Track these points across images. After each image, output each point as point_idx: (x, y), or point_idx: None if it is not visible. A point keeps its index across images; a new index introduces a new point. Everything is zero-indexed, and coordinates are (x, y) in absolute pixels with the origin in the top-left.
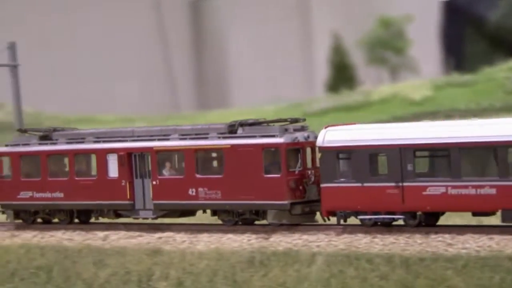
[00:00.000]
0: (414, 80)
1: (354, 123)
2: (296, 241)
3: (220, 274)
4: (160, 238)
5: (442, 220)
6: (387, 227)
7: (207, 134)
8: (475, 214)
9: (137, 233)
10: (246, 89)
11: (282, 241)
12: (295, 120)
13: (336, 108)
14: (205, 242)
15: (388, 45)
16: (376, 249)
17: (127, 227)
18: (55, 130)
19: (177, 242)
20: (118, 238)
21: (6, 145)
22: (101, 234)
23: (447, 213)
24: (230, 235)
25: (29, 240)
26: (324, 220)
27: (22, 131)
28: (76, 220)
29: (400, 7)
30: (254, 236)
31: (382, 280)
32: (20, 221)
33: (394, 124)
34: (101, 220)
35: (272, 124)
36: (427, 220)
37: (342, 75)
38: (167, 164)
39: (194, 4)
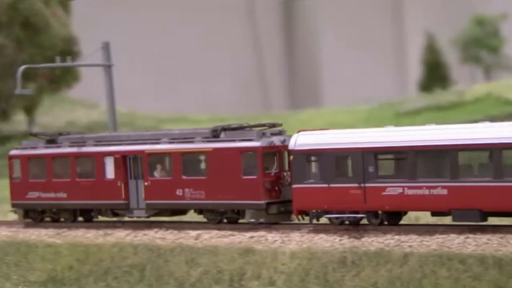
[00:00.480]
0: (509, 79)
1: (327, 129)
2: (388, 241)
3: (312, 273)
4: (252, 237)
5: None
6: (355, 225)
7: (193, 138)
8: (433, 214)
9: (229, 232)
10: (338, 89)
11: (374, 241)
12: (273, 125)
13: (429, 108)
14: (297, 241)
15: (482, 44)
16: (468, 249)
17: (218, 226)
18: (60, 134)
19: (269, 241)
20: (210, 237)
21: (16, 148)
22: (193, 233)
23: None
24: (322, 235)
25: (122, 239)
26: (298, 219)
27: (33, 135)
28: (80, 219)
29: (495, 5)
30: (346, 236)
31: (474, 280)
32: (30, 219)
33: (359, 130)
34: (123, 219)
35: (252, 128)
36: (389, 220)
37: (435, 75)
38: (158, 166)
39: (286, 4)
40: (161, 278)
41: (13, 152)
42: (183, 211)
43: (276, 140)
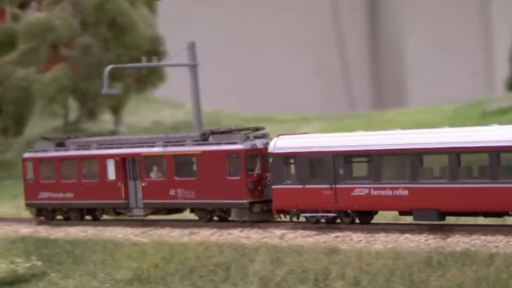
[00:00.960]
0: None
1: (306, 133)
2: (474, 242)
3: (397, 274)
4: (337, 237)
5: None
6: (331, 224)
7: (185, 141)
8: (400, 213)
9: (314, 232)
10: (423, 88)
11: (460, 241)
12: (256, 129)
13: None
14: (382, 241)
15: None
16: None
17: (303, 226)
18: (68, 138)
19: (353, 241)
20: (295, 237)
21: (29, 151)
22: (278, 232)
23: None
24: (407, 235)
25: (207, 238)
26: (280, 218)
27: (44, 138)
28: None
29: None
30: (431, 236)
31: None
32: (43, 218)
33: (332, 134)
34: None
35: (240, 132)
36: (361, 219)
37: None
38: (154, 168)
39: (371, 3)
40: (246, 277)
41: (26, 155)
42: (177, 210)
43: (259, 143)
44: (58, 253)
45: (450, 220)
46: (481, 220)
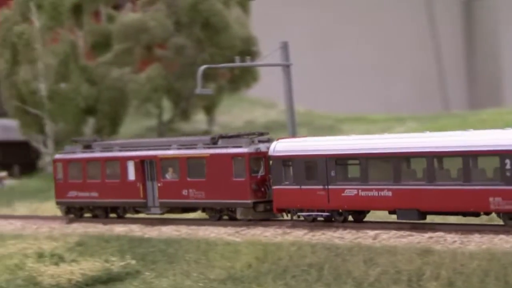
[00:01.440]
0: None
1: (305, 136)
2: None
3: (492, 275)
4: (430, 237)
5: None
6: (327, 222)
7: (196, 144)
8: (390, 212)
9: (407, 233)
10: None
11: None
12: (261, 134)
13: None
14: (476, 242)
15: None
16: None
17: (397, 226)
18: (95, 140)
19: (448, 242)
20: (388, 237)
21: (59, 153)
22: (371, 233)
23: None
24: (502, 236)
25: (300, 238)
26: (282, 216)
27: (74, 141)
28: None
29: None
30: None
31: None
32: (72, 215)
33: (325, 138)
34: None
35: (248, 137)
36: (354, 217)
37: None
38: (169, 169)
39: (466, 4)
40: (339, 278)
41: (57, 156)
42: (190, 209)
43: (263, 147)
44: (152, 252)
45: None
46: None
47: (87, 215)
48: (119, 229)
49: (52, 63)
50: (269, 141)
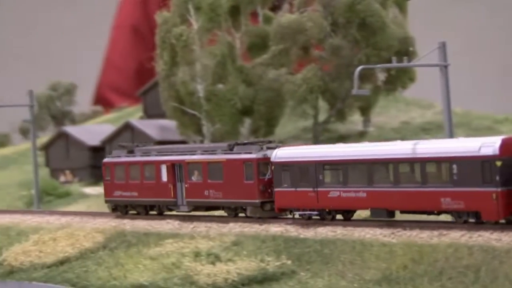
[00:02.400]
0: None
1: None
2: None
3: None
4: None
5: None
6: (321, 220)
7: (216, 150)
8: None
9: None
10: None
11: None
12: (269, 141)
13: None
14: None
15: None
16: None
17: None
18: (137, 146)
19: None
20: None
21: (107, 157)
22: None
23: None
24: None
25: (457, 240)
26: (286, 214)
27: (121, 146)
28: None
29: None
30: None
31: None
32: (119, 212)
33: (316, 146)
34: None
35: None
36: (344, 216)
37: None
38: (195, 172)
39: None
40: (496, 280)
41: (105, 159)
42: (212, 208)
43: (270, 153)
44: (307, 253)
45: None
46: None
47: (132, 212)
48: (275, 229)
49: (209, 64)
50: (277, 148)
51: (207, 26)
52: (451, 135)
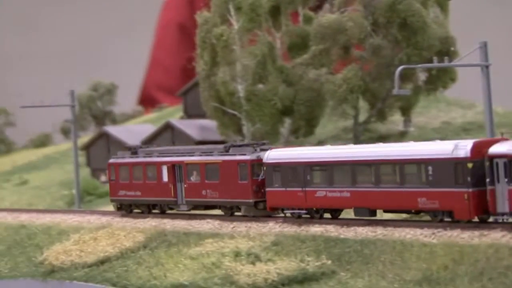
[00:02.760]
0: None
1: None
2: None
3: None
4: None
5: None
6: (311, 219)
7: (213, 152)
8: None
9: None
10: None
11: None
12: (263, 143)
13: None
14: None
15: None
16: None
17: None
18: (140, 147)
19: None
20: None
21: (112, 158)
22: None
23: None
24: None
25: (498, 240)
26: (278, 213)
27: (127, 148)
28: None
29: None
30: None
31: None
32: (123, 211)
33: (304, 148)
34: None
35: (256, 146)
36: (332, 214)
37: None
38: (194, 173)
39: None
40: None
41: (111, 160)
42: (210, 207)
43: (263, 155)
44: (347, 253)
45: None
46: None
47: (136, 210)
48: (315, 229)
49: (249, 64)
50: (269, 149)
51: (247, 26)
52: (492, 135)
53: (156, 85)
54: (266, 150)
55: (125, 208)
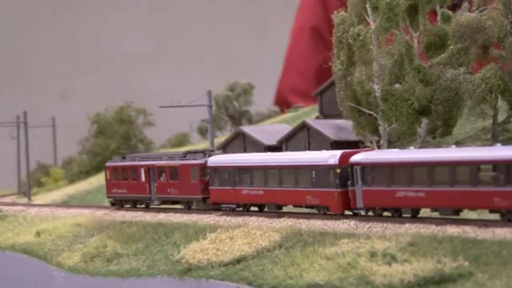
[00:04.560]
0: None
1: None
2: None
3: None
4: None
5: None
6: (247, 212)
7: (175, 157)
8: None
9: None
10: None
11: None
12: (212, 151)
13: None
14: None
15: None
16: None
17: None
18: (127, 153)
19: None
20: None
21: (109, 162)
22: None
23: None
24: None
25: None
26: (222, 208)
27: (120, 154)
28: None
29: None
30: None
31: None
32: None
33: (235, 154)
34: None
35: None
36: (259, 209)
37: None
38: (162, 174)
39: None
40: None
41: (107, 164)
42: (174, 202)
43: (210, 159)
44: (485, 254)
45: None
46: None
47: (127, 206)
48: (452, 230)
49: (386, 64)
50: (212, 156)
51: (384, 26)
52: None
53: (290, 89)
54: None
55: (117, 203)
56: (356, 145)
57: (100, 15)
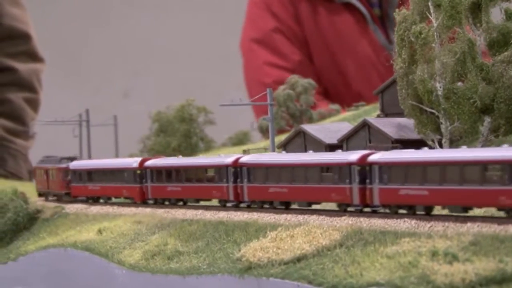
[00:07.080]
0: None
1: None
2: None
3: None
4: None
5: None
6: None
7: (57, 161)
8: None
9: None
10: None
11: None
12: (74, 158)
13: None
14: None
15: None
16: None
17: None
18: (75, 158)
19: None
20: None
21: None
22: None
23: None
24: None
25: None
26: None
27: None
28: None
29: None
30: None
31: None
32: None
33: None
34: None
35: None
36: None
37: None
38: (50, 174)
39: None
40: None
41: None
42: (54, 195)
43: (71, 164)
44: None
45: None
46: None
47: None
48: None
49: (449, 62)
50: (76, 159)
51: (447, 23)
52: None
53: None
54: (73, 160)
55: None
56: (418, 144)
57: (163, 13)
